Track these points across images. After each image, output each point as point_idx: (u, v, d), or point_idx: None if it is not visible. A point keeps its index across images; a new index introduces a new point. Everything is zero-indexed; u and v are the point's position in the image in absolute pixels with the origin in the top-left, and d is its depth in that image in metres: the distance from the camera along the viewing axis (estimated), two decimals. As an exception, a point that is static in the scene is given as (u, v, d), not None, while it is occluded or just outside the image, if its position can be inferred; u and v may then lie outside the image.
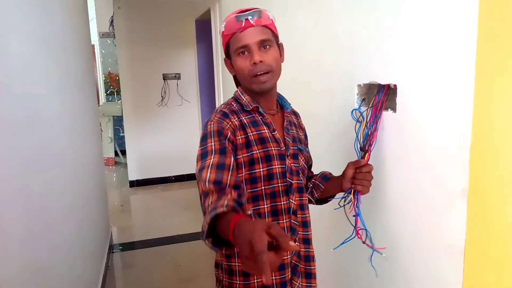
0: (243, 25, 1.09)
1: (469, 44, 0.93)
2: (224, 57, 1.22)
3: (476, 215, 0.97)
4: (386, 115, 1.25)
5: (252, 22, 1.09)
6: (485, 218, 0.95)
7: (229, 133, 1.09)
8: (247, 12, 1.10)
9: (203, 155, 1.04)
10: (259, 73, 1.10)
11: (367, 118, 1.26)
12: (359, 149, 1.25)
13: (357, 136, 1.30)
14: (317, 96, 1.70)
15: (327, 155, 1.58)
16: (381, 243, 1.26)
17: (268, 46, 1.11)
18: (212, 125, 1.09)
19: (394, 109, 1.22)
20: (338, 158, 1.54)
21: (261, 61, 1.09)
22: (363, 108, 1.35)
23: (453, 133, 1.01)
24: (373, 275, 1.37)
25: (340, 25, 1.50)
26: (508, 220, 0.90)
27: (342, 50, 1.50)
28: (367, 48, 1.34)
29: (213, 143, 1.05)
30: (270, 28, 1.13)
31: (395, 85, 1.21)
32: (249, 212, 0.89)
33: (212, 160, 1.01)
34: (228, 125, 1.10)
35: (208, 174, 0.98)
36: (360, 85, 1.39)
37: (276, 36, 1.16)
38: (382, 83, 1.26)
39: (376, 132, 1.23)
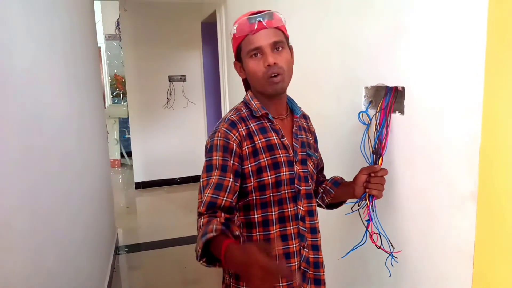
0: (255, 27, 1.08)
1: (479, 45, 0.92)
2: (234, 60, 1.20)
3: (485, 217, 0.96)
4: (394, 117, 1.24)
5: (264, 24, 1.08)
6: (494, 220, 0.94)
7: (235, 146, 1.09)
8: (259, 14, 1.09)
9: (208, 167, 1.09)
10: (272, 75, 1.08)
11: (376, 121, 1.26)
12: (371, 153, 1.25)
13: (363, 139, 1.30)
14: (323, 98, 1.70)
15: (334, 156, 1.57)
16: (386, 246, 1.25)
17: (280, 48, 1.10)
18: (219, 138, 1.09)
19: (402, 112, 1.22)
20: (345, 159, 1.54)
21: (275, 63, 1.08)
22: (370, 111, 1.35)
23: (462, 135, 1.00)
24: (380, 278, 1.37)
25: (347, 26, 1.50)
26: (518, 223, 0.90)
27: (349, 52, 1.50)
28: (374, 49, 1.33)
29: (217, 157, 1.08)
30: (282, 30, 1.12)
31: (403, 87, 1.20)
32: (236, 233, 0.97)
33: (213, 178, 1.06)
34: (235, 137, 1.09)
35: (206, 195, 1.04)
36: (367, 87, 1.38)
37: (287, 38, 1.15)
38: (390, 85, 1.25)
39: (388, 136, 1.22)
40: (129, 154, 6.31)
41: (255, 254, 0.76)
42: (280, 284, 1.13)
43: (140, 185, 5.39)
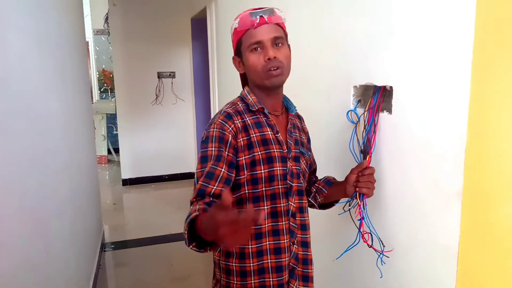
0: (257, 22, 1.10)
1: (466, 46, 0.94)
2: (233, 55, 1.21)
3: (470, 216, 0.97)
4: (382, 116, 1.25)
5: (266, 20, 1.10)
6: (479, 220, 0.96)
7: (230, 137, 1.10)
8: (261, 10, 1.11)
9: (202, 158, 1.10)
10: (272, 68, 1.10)
11: (364, 120, 1.27)
12: (360, 152, 1.26)
13: (352, 138, 1.31)
14: (313, 96, 1.71)
15: (323, 154, 1.58)
16: (376, 244, 1.26)
17: (280, 44, 1.12)
18: (214, 129, 1.11)
19: (389, 111, 1.23)
20: (333, 157, 1.55)
21: (275, 57, 1.10)
22: (359, 110, 1.36)
23: (448, 135, 1.01)
24: (367, 275, 1.38)
25: (338, 26, 1.50)
26: (502, 222, 0.91)
27: (339, 51, 1.50)
28: (364, 49, 1.34)
29: (213, 148, 1.09)
30: (282, 27, 1.15)
31: (391, 87, 1.22)
32: None
33: (206, 168, 1.07)
34: (230, 128, 1.11)
35: (198, 184, 1.06)
36: (356, 86, 1.39)
37: (286, 35, 1.17)
38: (378, 84, 1.27)
39: (375, 135, 1.24)
40: (117, 150, 6.25)
41: (214, 217, 0.72)
42: (270, 280, 1.14)
43: (127, 182, 5.34)
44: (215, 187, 1.05)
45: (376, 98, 1.26)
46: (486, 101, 0.92)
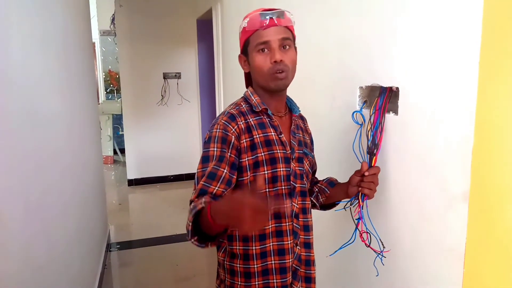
0: (266, 23, 1.10)
1: (473, 47, 0.93)
2: (240, 53, 1.22)
3: (477, 218, 0.97)
4: (388, 117, 1.25)
5: (275, 21, 1.11)
6: (485, 222, 0.95)
7: (233, 138, 1.10)
8: (271, 11, 1.12)
9: (204, 158, 1.10)
10: (277, 71, 1.11)
11: (370, 121, 1.26)
12: (366, 153, 1.26)
13: (355, 138, 1.30)
14: (318, 97, 1.70)
15: (327, 155, 1.58)
16: (375, 245, 1.25)
17: (287, 47, 1.13)
18: (217, 130, 1.11)
19: (396, 112, 1.22)
20: (338, 158, 1.54)
21: (281, 60, 1.10)
22: (364, 111, 1.35)
23: (455, 136, 1.00)
24: (372, 277, 1.37)
25: (344, 26, 1.50)
26: (509, 224, 0.90)
27: (344, 51, 1.50)
28: (369, 50, 1.34)
29: (215, 149, 1.09)
30: (290, 30, 1.15)
31: (397, 88, 1.21)
32: None
33: (208, 168, 1.07)
34: (233, 129, 1.11)
35: (199, 185, 1.06)
36: (362, 87, 1.39)
37: (294, 38, 1.17)
38: (384, 85, 1.26)
39: (382, 136, 1.23)
40: (122, 150, 6.29)
41: (241, 197, 0.77)
42: (274, 281, 1.14)
43: (133, 182, 5.36)
44: (216, 188, 1.05)
45: (382, 99, 1.25)
46: (494, 102, 0.91)
